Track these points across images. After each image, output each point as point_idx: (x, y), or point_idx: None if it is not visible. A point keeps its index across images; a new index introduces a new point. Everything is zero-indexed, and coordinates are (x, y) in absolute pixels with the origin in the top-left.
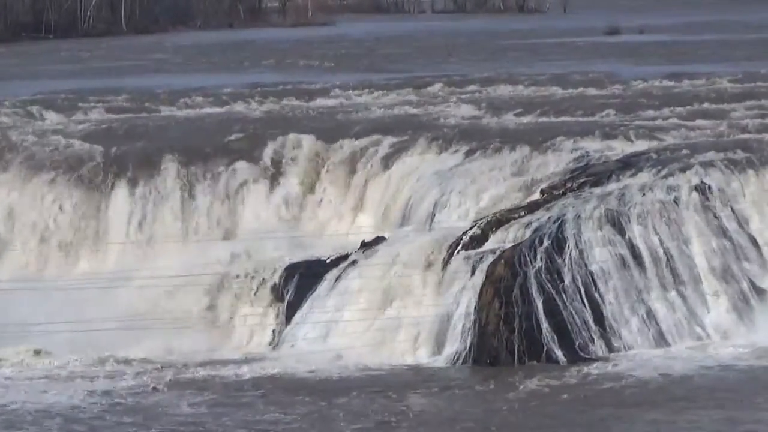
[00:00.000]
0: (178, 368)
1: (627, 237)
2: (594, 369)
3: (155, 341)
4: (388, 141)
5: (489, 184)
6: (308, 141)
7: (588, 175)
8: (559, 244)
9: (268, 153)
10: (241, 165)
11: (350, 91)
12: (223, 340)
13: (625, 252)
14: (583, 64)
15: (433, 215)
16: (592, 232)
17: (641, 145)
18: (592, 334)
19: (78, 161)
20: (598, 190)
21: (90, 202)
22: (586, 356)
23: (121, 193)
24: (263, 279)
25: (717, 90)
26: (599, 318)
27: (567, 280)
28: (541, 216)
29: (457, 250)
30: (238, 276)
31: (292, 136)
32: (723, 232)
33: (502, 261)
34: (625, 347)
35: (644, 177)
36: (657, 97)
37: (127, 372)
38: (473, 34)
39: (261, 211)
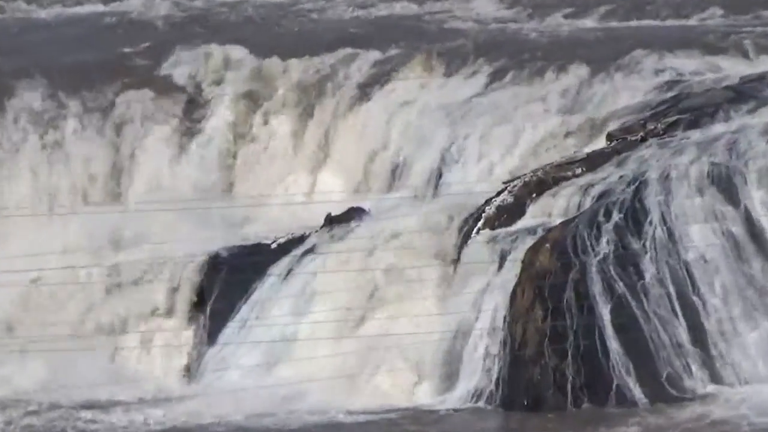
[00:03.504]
0: (23, 413)
1: (742, 208)
2: (691, 414)
3: None
4: (367, 57)
5: (526, 124)
6: (240, 56)
7: (681, 111)
8: (636, 218)
9: (178, 76)
10: (134, 95)
11: None
12: (105, 370)
13: (740, 231)
14: None
15: (438, 174)
16: (689, 200)
17: (764, 64)
18: (688, 361)
19: None
20: (696, 135)
21: None
22: (679, 395)
23: None
24: (171, 274)
25: None
26: (699, 335)
27: (649, 275)
28: (608, 175)
29: (476, 229)
30: (131, 270)
31: (214, 50)
32: None
33: (547, 246)
34: (739, 380)
35: None
36: None
37: None
38: None
39: (166, 167)
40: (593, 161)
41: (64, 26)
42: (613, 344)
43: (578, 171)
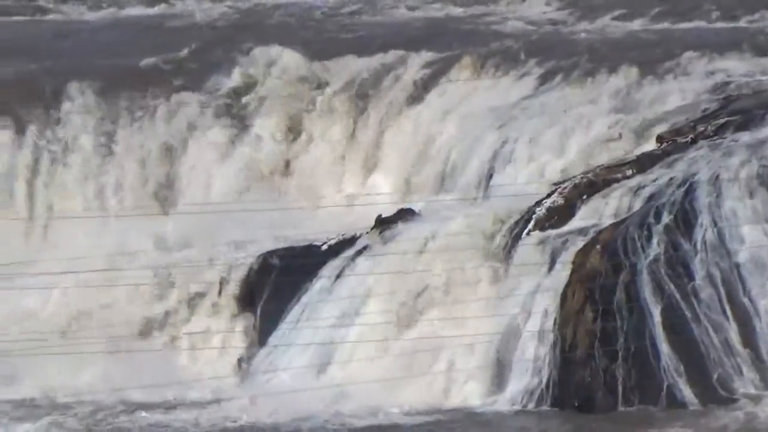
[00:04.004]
0: (81, 414)
1: None
2: (741, 416)
3: (39, 374)
4: (418, 59)
5: (576, 126)
6: (291, 58)
7: (731, 113)
8: (686, 220)
9: (227, 78)
10: (185, 97)
11: None
12: (156, 371)
13: None
14: None
15: (488, 176)
16: (739, 202)
17: None
18: (739, 362)
19: None
20: (746, 137)
21: None
22: (730, 396)
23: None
24: (222, 276)
25: None
26: (749, 337)
27: (699, 277)
28: (658, 176)
29: (526, 231)
30: (181, 272)
31: (264, 51)
32: None
33: (598, 247)
34: None
35: None
36: None
37: None
38: None
39: (215, 169)
40: (643, 163)
41: (113, 29)
42: (664, 346)
43: (628, 173)
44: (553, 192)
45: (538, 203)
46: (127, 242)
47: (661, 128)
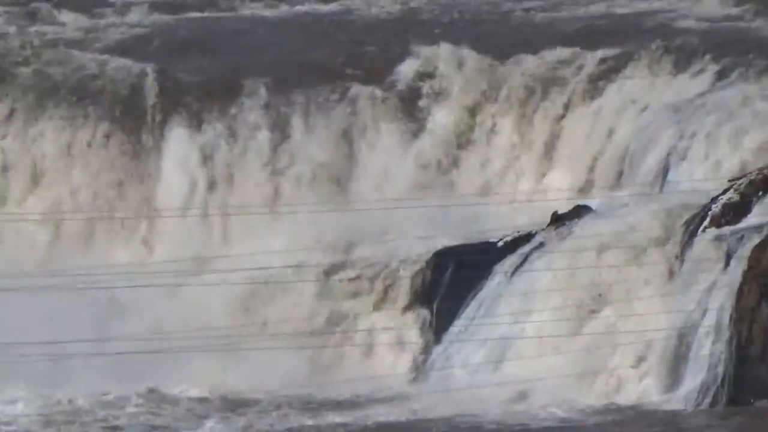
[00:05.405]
0: (262, 411)
1: None
2: None
3: (225, 367)
4: (594, 55)
5: (754, 122)
6: (465, 56)
7: None
8: None
9: (403, 74)
10: (360, 92)
11: None
12: (331, 368)
13: None
14: None
15: (665, 172)
16: None
17: None
18: None
19: (112, 89)
20: None
21: (132, 151)
22: None
23: (177, 138)
24: (397, 272)
25: None
26: None
27: None
28: None
29: (702, 227)
30: (356, 268)
31: (442, 49)
32: None
33: None
34: None
35: None
36: None
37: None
38: None
39: (390, 164)
40: None
41: (289, 24)
42: None
43: None
44: (728, 188)
45: (714, 200)
46: (303, 238)
47: None
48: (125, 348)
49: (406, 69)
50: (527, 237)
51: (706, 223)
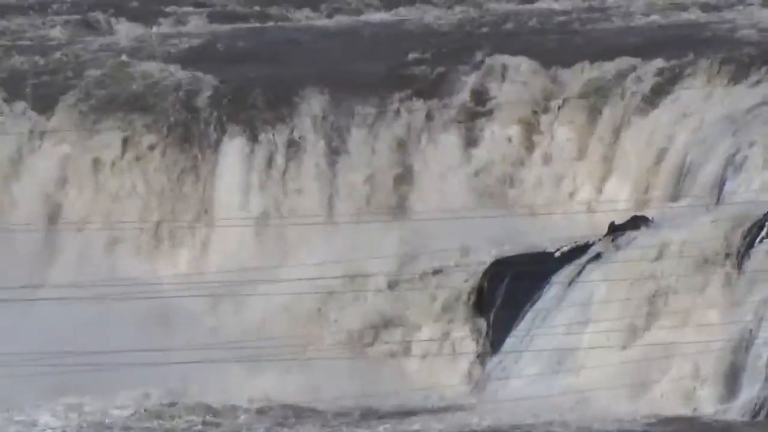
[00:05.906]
0: (321, 422)
1: None
2: None
3: (283, 378)
4: (652, 66)
5: None
6: (523, 66)
7: None
8: None
9: (467, 85)
10: (417, 103)
11: None
12: (388, 379)
13: None
14: None
15: (722, 183)
16: None
17: None
18: None
19: (169, 99)
20: None
21: (186, 162)
22: None
23: (232, 149)
24: (453, 282)
25: None
26: None
27: None
28: None
29: (759, 238)
30: (413, 278)
31: (496, 59)
32: None
33: None
34: None
35: None
36: None
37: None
38: None
39: (449, 174)
40: None
41: (347, 34)
42: None
43: None
44: None
45: None
46: (359, 248)
47: None
48: (183, 358)
49: (465, 80)
50: (584, 248)
51: (763, 233)
